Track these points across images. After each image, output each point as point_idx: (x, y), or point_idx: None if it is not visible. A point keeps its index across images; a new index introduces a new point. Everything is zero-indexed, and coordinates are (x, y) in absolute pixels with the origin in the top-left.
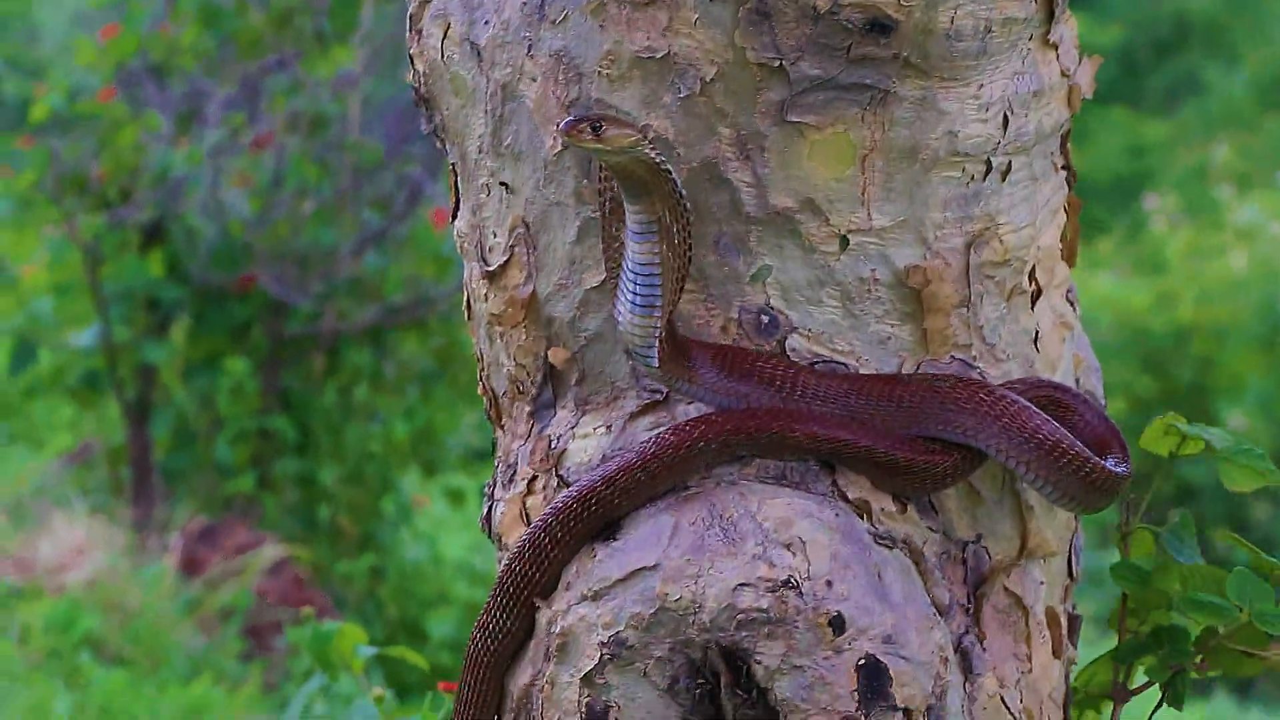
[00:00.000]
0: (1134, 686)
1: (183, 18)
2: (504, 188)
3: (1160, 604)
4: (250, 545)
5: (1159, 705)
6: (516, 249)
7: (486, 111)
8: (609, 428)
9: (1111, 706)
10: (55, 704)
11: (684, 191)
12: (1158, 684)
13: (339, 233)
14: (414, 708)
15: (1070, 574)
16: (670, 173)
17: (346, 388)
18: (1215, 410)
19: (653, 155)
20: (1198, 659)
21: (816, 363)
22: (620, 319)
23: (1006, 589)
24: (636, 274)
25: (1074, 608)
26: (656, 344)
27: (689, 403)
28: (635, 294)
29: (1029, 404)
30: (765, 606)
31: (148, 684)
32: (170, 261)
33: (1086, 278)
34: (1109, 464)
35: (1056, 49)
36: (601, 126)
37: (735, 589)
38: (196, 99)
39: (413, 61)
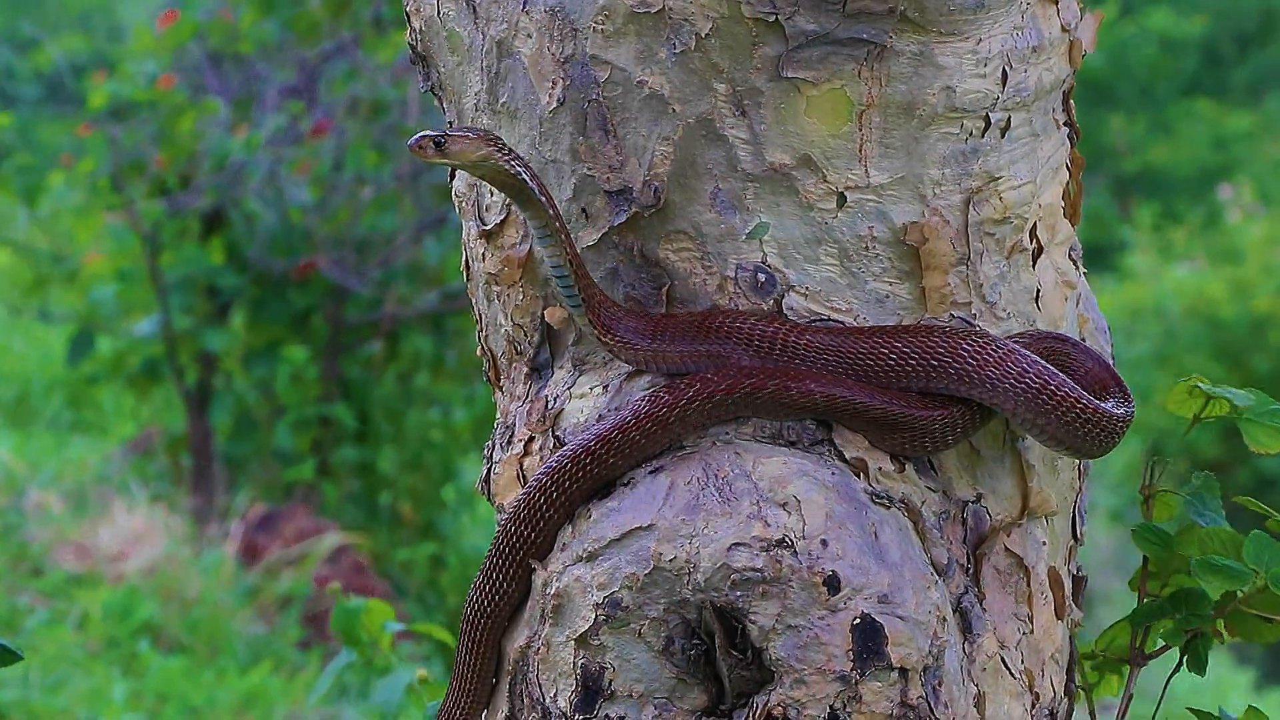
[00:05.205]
0: (1151, 650)
1: (241, 3)
2: None
3: (1181, 568)
4: (310, 533)
5: (1176, 669)
6: (513, 207)
7: (482, 69)
8: (605, 387)
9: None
10: (112, 691)
11: (548, 194)
12: (1175, 648)
13: (398, 218)
14: None
15: (1074, 535)
16: (527, 181)
17: (406, 374)
18: None
19: (507, 166)
20: (1217, 624)
21: (815, 321)
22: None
23: (1007, 549)
24: (554, 275)
25: (1079, 569)
26: (595, 333)
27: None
28: (563, 294)
29: (1017, 347)
30: (760, 566)
31: (206, 672)
32: (230, 248)
33: (1160, 267)
34: (1105, 405)
35: (1057, 4)
36: (444, 141)
37: (730, 549)
38: (255, 85)
39: (409, 19)
